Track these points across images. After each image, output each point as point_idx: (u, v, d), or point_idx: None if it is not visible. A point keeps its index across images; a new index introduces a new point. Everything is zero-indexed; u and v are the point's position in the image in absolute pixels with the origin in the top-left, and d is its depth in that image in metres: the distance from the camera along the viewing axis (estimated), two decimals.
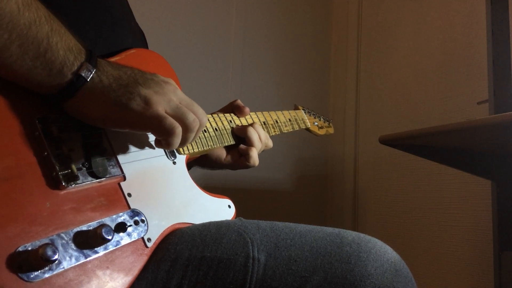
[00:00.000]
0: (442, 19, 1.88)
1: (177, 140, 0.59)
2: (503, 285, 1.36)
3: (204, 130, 0.80)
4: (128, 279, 0.55)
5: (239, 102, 0.94)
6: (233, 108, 0.93)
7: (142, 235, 0.59)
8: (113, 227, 0.55)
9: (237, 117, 0.90)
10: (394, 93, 2.06)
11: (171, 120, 0.58)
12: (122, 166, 0.61)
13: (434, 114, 1.84)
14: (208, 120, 0.82)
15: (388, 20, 2.15)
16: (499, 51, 1.39)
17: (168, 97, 0.58)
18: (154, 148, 0.68)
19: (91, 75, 0.54)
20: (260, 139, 0.90)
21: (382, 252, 0.61)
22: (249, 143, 0.88)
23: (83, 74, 0.53)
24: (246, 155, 0.87)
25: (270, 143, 0.94)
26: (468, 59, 1.74)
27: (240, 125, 0.89)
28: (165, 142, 0.59)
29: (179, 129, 0.58)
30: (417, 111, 1.92)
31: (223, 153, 0.90)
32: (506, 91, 1.38)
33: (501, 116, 1.00)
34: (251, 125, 0.89)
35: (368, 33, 2.26)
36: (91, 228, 0.53)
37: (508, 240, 1.37)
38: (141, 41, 0.86)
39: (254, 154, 0.88)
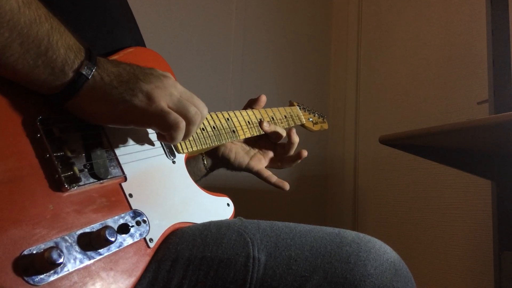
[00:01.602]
0: (442, 19, 1.88)
1: (181, 134, 0.59)
2: (503, 285, 1.36)
3: (202, 128, 0.80)
4: (132, 280, 0.55)
5: (252, 99, 1.01)
6: (250, 104, 0.99)
7: (144, 236, 0.59)
8: (116, 228, 0.55)
9: (234, 114, 0.91)
10: (394, 93, 2.06)
11: (174, 115, 0.58)
12: (123, 166, 0.61)
13: (434, 114, 1.84)
14: (206, 118, 0.82)
15: (388, 20, 2.15)
16: (499, 51, 1.40)
17: (169, 91, 0.59)
18: (153, 146, 0.68)
19: (92, 72, 0.54)
20: None
21: (382, 251, 0.61)
22: (290, 145, 0.98)
23: (84, 72, 0.53)
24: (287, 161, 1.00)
25: None
26: (468, 59, 1.74)
27: (238, 123, 0.90)
28: (169, 136, 0.59)
29: (183, 124, 0.59)
30: (417, 111, 1.92)
31: (244, 160, 0.97)
32: (506, 91, 1.38)
33: (501, 116, 1.00)
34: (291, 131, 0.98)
35: (368, 33, 2.26)
36: (94, 230, 0.53)
37: (508, 240, 1.37)
38: (141, 42, 0.86)
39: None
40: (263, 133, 0.97)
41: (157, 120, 0.57)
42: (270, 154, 1.01)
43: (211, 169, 0.97)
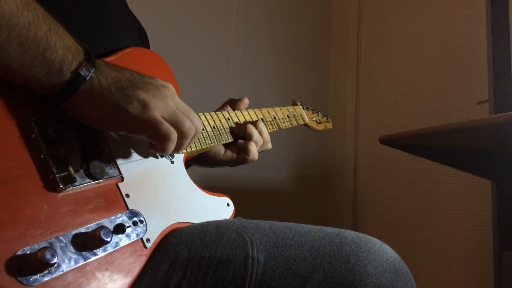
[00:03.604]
0: (442, 19, 1.88)
1: (172, 146, 0.59)
2: (503, 285, 1.35)
3: (202, 128, 0.80)
4: (128, 280, 0.55)
5: (233, 98, 0.94)
6: (231, 104, 0.94)
7: (141, 236, 0.59)
8: (111, 228, 0.55)
9: (235, 114, 0.90)
10: (394, 93, 2.06)
11: (167, 126, 0.58)
12: (120, 166, 0.61)
13: (434, 114, 1.84)
14: (206, 118, 0.82)
15: (388, 20, 2.15)
16: (499, 51, 1.39)
17: (166, 102, 0.59)
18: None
19: (90, 74, 0.54)
20: (262, 135, 0.90)
21: (382, 251, 0.61)
22: (248, 138, 0.88)
23: (82, 73, 0.53)
24: (245, 149, 0.88)
25: (270, 144, 0.94)
26: (468, 59, 1.74)
27: (237, 122, 0.89)
28: (159, 147, 0.60)
29: (174, 135, 0.59)
30: (417, 111, 1.92)
31: (221, 150, 0.90)
32: (506, 91, 1.38)
33: (501, 116, 0.99)
34: (251, 123, 0.89)
35: (368, 33, 2.26)
36: (89, 230, 0.52)
37: (508, 240, 1.37)
38: (140, 41, 0.86)
39: (253, 148, 0.88)
40: None
41: (149, 129, 0.57)
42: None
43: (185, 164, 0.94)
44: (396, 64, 2.07)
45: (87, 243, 0.51)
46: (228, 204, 0.78)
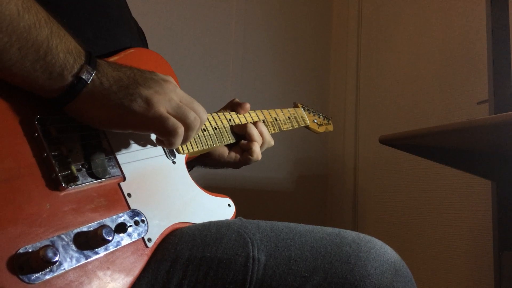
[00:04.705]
0: (442, 19, 1.88)
1: (180, 139, 0.60)
2: (503, 285, 1.36)
3: (204, 129, 0.80)
4: (129, 279, 0.55)
5: (238, 100, 0.94)
6: (233, 107, 0.94)
7: (142, 235, 0.59)
8: (113, 227, 0.55)
9: (237, 115, 0.90)
10: (394, 93, 2.06)
11: (173, 121, 0.58)
12: (122, 166, 0.61)
13: (434, 114, 1.84)
14: (208, 119, 0.82)
15: (388, 20, 2.15)
16: (499, 51, 1.39)
17: (169, 96, 0.58)
18: (153, 146, 0.68)
19: (92, 77, 0.54)
20: (262, 135, 0.90)
21: (382, 252, 0.61)
22: (249, 138, 0.89)
23: (83, 77, 0.53)
24: (249, 150, 0.88)
25: (272, 141, 0.95)
26: (468, 59, 1.74)
27: (239, 123, 0.90)
28: (167, 142, 0.60)
29: (181, 129, 0.59)
30: (417, 111, 1.92)
31: (225, 151, 0.90)
32: (506, 91, 1.38)
33: (501, 116, 0.99)
34: (252, 123, 0.90)
35: (368, 33, 2.26)
36: (91, 229, 0.53)
37: (508, 240, 1.37)
38: (140, 41, 0.86)
39: (257, 148, 0.89)
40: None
41: (156, 126, 0.57)
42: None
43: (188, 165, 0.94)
44: (396, 64, 2.07)
45: (88, 242, 0.51)
46: (229, 205, 0.79)
